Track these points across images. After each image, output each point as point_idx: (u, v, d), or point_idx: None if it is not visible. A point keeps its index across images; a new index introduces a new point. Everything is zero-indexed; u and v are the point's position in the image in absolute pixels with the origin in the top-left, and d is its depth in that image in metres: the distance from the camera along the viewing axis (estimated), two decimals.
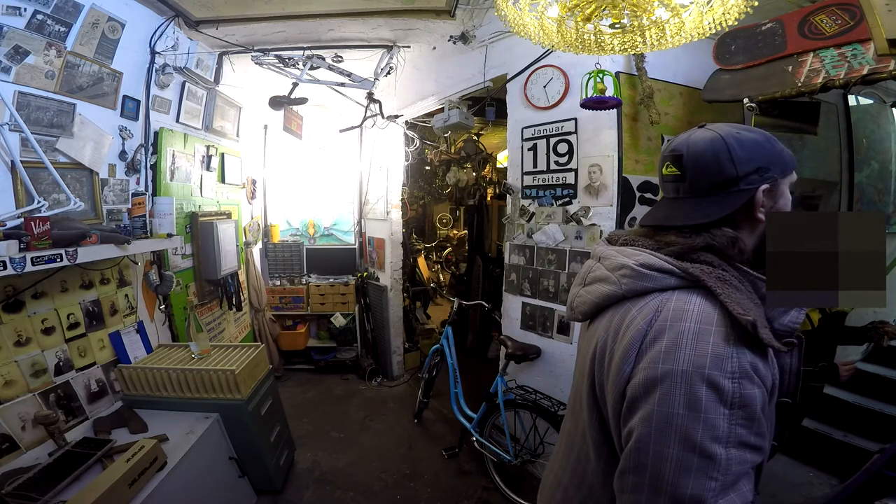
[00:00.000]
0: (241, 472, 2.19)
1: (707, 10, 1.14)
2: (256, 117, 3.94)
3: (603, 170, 2.16)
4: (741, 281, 0.70)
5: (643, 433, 0.66)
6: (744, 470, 0.64)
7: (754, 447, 0.64)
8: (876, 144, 2.97)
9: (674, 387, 0.64)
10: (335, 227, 4.74)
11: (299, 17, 2.61)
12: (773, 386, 0.68)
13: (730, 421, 0.62)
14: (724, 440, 0.62)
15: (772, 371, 0.68)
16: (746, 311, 0.64)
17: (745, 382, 0.63)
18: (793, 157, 0.80)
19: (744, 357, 0.63)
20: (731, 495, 0.63)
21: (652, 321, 0.69)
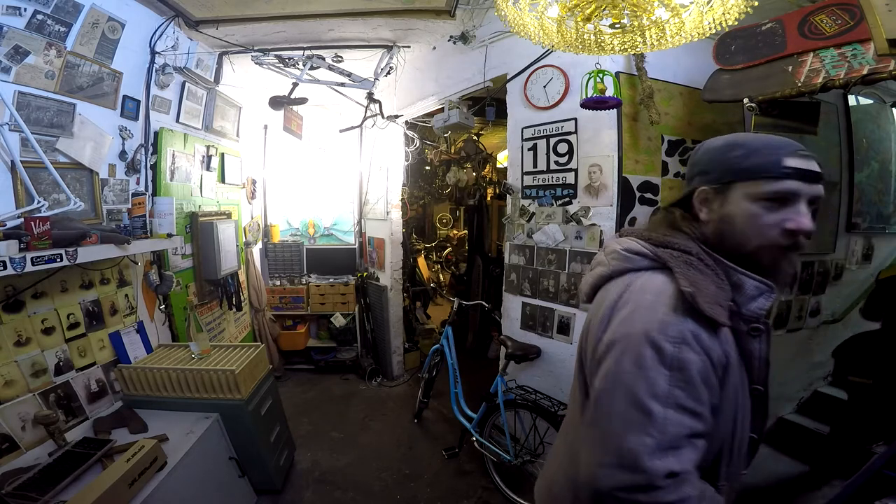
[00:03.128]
0: (241, 472, 2.19)
1: (707, 10, 1.14)
2: (256, 117, 3.94)
3: (603, 170, 2.16)
4: (712, 267, 0.79)
5: (600, 389, 0.76)
6: (681, 433, 0.69)
7: (693, 412, 0.70)
8: (876, 144, 2.97)
9: (626, 348, 0.74)
10: (335, 227, 4.74)
11: (299, 17, 2.61)
12: (725, 362, 0.75)
13: (669, 381, 0.70)
14: (662, 399, 0.70)
15: (722, 346, 0.75)
16: (692, 285, 0.74)
17: (684, 347, 0.71)
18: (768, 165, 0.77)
19: (686, 325, 0.72)
20: (670, 458, 0.68)
21: (622, 294, 0.81)
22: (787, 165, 0.76)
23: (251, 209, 4.04)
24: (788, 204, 0.77)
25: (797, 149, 0.79)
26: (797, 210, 0.76)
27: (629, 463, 0.69)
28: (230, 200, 3.53)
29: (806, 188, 0.77)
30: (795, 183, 0.76)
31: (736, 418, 0.81)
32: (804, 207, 0.77)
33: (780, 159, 0.77)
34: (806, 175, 0.77)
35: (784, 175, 0.77)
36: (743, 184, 0.79)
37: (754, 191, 0.78)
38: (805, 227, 0.76)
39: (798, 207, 0.77)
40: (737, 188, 0.80)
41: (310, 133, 4.20)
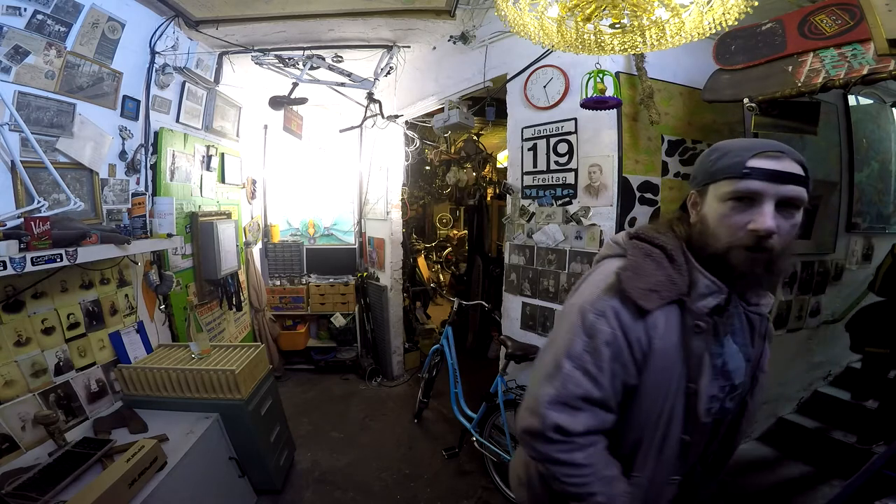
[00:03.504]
0: (241, 472, 2.19)
1: (707, 10, 1.14)
2: (256, 117, 3.94)
3: (603, 170, 2.16)
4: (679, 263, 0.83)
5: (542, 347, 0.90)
6: (576, 393, 0.81)
7: (593, 379, 0.81)
8: (876, 144, 2.97)
9: (566, 315, 0.88)
10: (335, 227, 4.73)
11: (299, 17, 2.61)
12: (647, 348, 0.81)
13: (583, 346, 0.82)
14: (574, 359, 0.83)
15: (647, 331, 0.81)
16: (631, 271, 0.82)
17: (601, 319, 0.82)
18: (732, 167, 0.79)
19: (611, 303, 0.82)
20: (563, 414, 0.82)
21: (588, 274, 0.93)
22: (748, 166, 0.77)
23: (251, 209, 4.04)
24: (755, 204, 0.77)
25: (768, 149, 0.78)
26: (761, 210, 0.76)
27: (533, 407, 0.85)
28: (230, 200, 3.53)
29: (771, 188, 0.76)
30: (757, 183, 0.76)
31: (662, 410, 0.83)
32: (769, 207, 0.76)
33: (743, 160, 0.78)
34: (771, 175, 0.76)
35: (745, 175, 0.77)
36: (714, 185, 0.82)
37: (721, 191, 0.80)
38: (762, 227, 0.75)
39: (762, 208, 0.76)
40: (710, 190, 0.83)
41: (310, 133, 4.20)
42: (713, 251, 0.81)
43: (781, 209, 0.77)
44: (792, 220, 0.78)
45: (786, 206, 0.77)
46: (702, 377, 0.82)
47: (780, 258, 0.78)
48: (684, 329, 0.82)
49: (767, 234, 0.75)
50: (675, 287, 0.81)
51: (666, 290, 0.81)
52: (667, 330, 0.81)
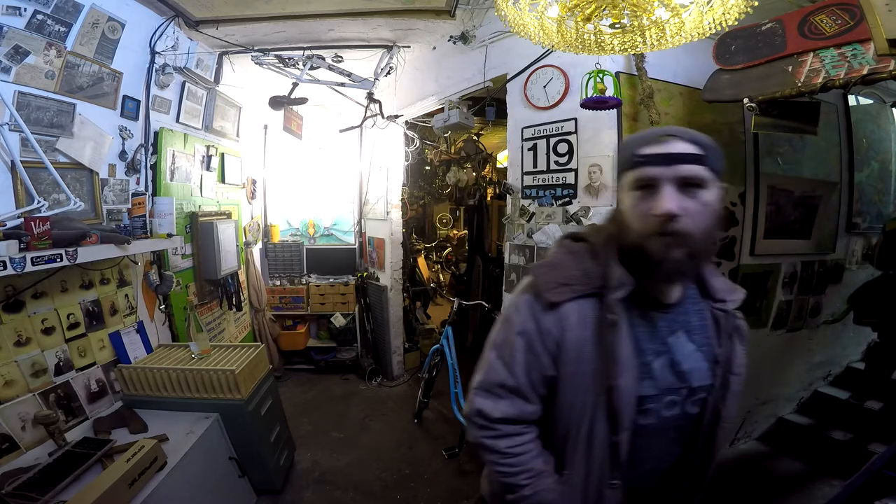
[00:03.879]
0: (241, 472, 2.19)
1: (707, 10, 1.14)
2: (256, 117, 3.94)
3: (603, 170, 2.16)
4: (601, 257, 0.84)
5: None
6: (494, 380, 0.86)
7: (507, 367, 0.85)
8: (876, 144, 2.97)
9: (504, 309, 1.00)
10: (335, 227, 4.73)
11: (299, 17, 2.61)
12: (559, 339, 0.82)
13: (502, 337, 0.88)
14: (496, 349, 0.89)
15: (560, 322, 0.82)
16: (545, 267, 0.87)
17: (516, 313, 0.86)
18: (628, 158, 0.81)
19: (525, 297, 0.86)
20: (486, 400, 0.87)
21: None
22: (639, 154, 0.78)
23: (251, 209, 4.04)
24: (655, 190, 0.76)
25: (658, 135, 0.79)
26: (660, 194, 0.75)
27: (469, 394, 0.92)
28: (230, 200, 3.53)
29: (665, 171, 0.76)
30: (650, 168, 0.77)
31: (583, 404, 0.82)
32: (666, 190, 0.75)
33: (635, 150, 0.79)
34: (660, 158, 0.76)
35: (637, 163, 0.79)
36: (622, 178, 0.84)
37: (625, 183, 0.82)
38: (660, 210, 0.74)
39: (660, 192, 0.76)
40: (622, 183, 0.84)
41: (310, 133, 4.20)
42: (631, 242, 0.80)
43: (684, 190, 0.76)
44: (698, 199, 0.76)
45: (687, 185, 0.76)
46: (622, 373, 0.79)
47: (696, 240, 0.76)
48: (600, 322, 0.81)
49: (669, 217, 0.74)
50: (590, 281, 0.82)
51: (579, 283, 0.83)
52: (579, 322, 0.82)
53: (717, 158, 0.79)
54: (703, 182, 0.76)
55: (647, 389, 0.82)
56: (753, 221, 2.48)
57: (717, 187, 0.79)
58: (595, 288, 0.82)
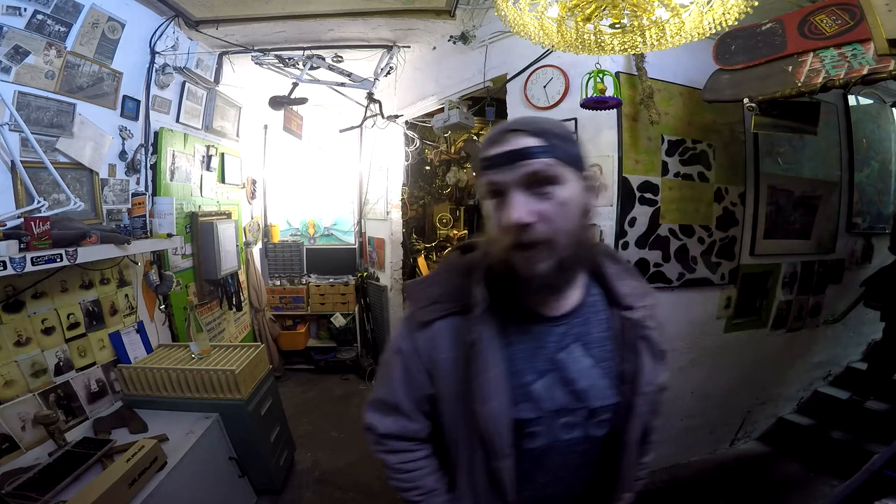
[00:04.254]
0: (241, 472, 2.19)
1: (707, 10, 1.14)
2: (256, 117, 3.94)
3: (603, 170, 2.16)
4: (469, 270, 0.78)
5: None
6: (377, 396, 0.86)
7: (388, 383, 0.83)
8: (876, 144, 2.97)
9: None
10: (335, 227, 4.74)
11: (299, 17, 2.60)
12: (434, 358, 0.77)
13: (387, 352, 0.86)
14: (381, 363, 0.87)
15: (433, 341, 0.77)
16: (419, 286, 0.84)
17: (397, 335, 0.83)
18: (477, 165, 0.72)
19: (405, 314, 0.83)
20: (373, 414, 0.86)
21: None
22: (484, 158, 0.70)
23: (251, 209, 4.04)
24: (505, 196, 0.67)
25: (501, 132, 0.69)
26: (508, 202, 0.67)
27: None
28: (230, 200, 3.53)
29: (509, 175, 0.66)
30: (495, 173, 0.68)
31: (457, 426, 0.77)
32: (514, 196, 0.66)
33: (482, 152, 0.70)
34: (499, 160, 0.67)
35: (483, 168, 0.70)
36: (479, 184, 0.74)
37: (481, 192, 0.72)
38: (509, 221, 0.65)
39: (508, 199, 0.67)
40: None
41: (310, 133, 4.20)
42: (496, 257, 0.72)
43: (535, 191, 0.66)
44: (553, 198, 0.66)
45: (537, 185, 0.66)
46: (489, 397, 0.71)
47: (560, 245, 0.67)
48: (464, 342, 0.75)
49: (520, 226, 0.65)
50: (459, 298, 0.76)
51: (449, 301, 0.77)
52: (448, 342, 0.76)
53: (569, 146, 0.69)
54: (555, 178, 0.66)
55: (526, 413, 0.74)
56: (753, 221, 2.48)
57: (579, 178, 0.70)
58: (463, 305, 0.75)
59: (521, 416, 0.73)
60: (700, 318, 2.44)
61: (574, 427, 0.76)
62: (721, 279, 2.43)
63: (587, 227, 0.72)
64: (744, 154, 2.42)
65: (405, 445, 0.84)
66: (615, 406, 0.76)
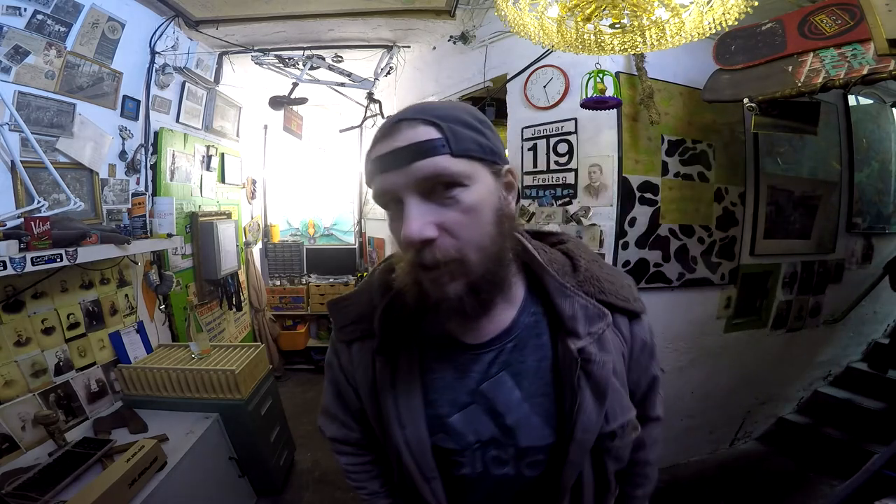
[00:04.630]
0: (241, 473, 2.19)
1: (707, 10, 1.14)
2: (256, 117, 3.94)
3: (603, 170, 2.16)
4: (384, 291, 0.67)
5: None
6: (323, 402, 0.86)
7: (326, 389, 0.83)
8: (876, 144, 2.97)
9: None
10: (335, 227, 4.74)
11: (299, 17, 2.61)
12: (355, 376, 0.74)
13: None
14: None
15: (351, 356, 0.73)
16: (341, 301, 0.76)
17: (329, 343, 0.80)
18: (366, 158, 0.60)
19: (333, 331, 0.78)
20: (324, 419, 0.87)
21: None
22: (372, 159, 0.56)
23: (251, 209, 4.04)
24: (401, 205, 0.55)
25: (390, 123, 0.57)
26: (404, 213, 0.54)
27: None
28: (230, 200, 3.53)
29: (401, 178, 0.53)
30: (384, 177, 0.55)
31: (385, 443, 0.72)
32: (410, 207, 0.53)
33: (369, 151, 0.57)
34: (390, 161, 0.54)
35: (372, 172, 0.57)
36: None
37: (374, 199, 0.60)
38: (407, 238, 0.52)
39: (405, 209, 0.54)
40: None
41: (310, 133, 4.20)
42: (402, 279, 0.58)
43: (437, 197, 0.54)
44: (457, 205, 0.53)
45: (437, 189, 0.53)
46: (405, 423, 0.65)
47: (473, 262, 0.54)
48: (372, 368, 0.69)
49: (420, 243, 0.53)
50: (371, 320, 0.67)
51: (364, 322, 0.69)
52: (366, 364, 0.70)
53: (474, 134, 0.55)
54: (460, 178, 0.53)
55: (446, 443, 0.66)
56: (753, 221, 2.48)
57: (491, 174, 0.57)
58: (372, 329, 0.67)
59: (442, 445, 0.66)
60: (700, 318, 2.44)
61: (504, 463, 0.66)
62: (721, 279, 2.43)
63: (507, 234, 0.59)
64: (744, 154, 2.42)
65: (350, 449, 0.84)
66: (550, 447, 0.64)
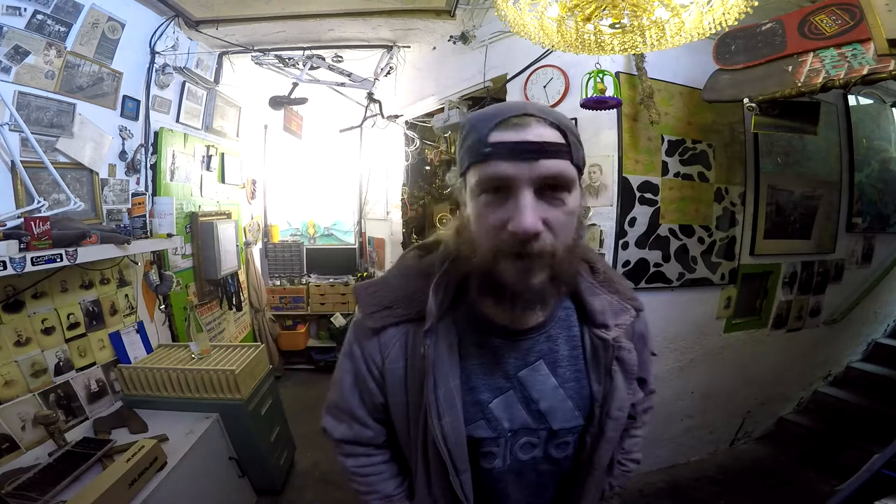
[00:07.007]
0: (241, 472, 2.19)
1: (707, 10, 1.14)
2: (256, 117, 3.94)
3: (603, 170, 2.16)
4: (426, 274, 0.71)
5: None
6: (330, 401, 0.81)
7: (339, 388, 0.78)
8: (876, 144, 2.97)
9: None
10: (335, 227, 4.74)
11: (299, 17, 2.61)
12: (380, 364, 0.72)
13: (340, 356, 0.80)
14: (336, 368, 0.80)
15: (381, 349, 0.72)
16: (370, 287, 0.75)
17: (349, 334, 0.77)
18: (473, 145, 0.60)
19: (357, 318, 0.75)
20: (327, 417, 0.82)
21: None
22: (490, 142, 0.57)
23: (251, 209, 4.04)
24: (510, 195, 0.57)
25: (510, 114, 0.57)
26: (516, 204, 0.56)
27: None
28: (230, 200, 3.53)
29: (523, 169, 0.55)
30: (504, 164, 0.56)
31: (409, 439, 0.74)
32: (525, 198, 0.55)
33: (484, 135, 0.57)
34: (516, 149, 0.56)
35: (487, 156, 0.57)
36: (469, 172, 0.61)
37: (472, 181, 0.60)
38: (520, 228, 0.54)
39: (518, 200, 0.56)
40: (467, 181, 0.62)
41: (310, 133, 4.20)
42: (478, 262, 0.61)
43: (546, 195, 0.57)
44: (563, 207, 0.58)
45: (550, 189, 0.57)
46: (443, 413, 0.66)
47: (559, 259, 0.58)
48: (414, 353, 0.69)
49: (532, 236, 0.55)
50: (414, 305, 0.69)
51: (402, 307, 0.70)
52: (400, 351, 0.70)
53: (581, 148, 0.61)
54: (570, 184, 0.58)
55: (482, 432, 0.69)
56: (753, 221, 2.48)
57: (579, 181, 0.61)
58: (417, 313, 0.69)
59: (477, 435, 0.69)
60: (700, 318, 2.44)
61: (533, 447, 0.72)
62: (721, 279, 2.43)
63: (581, 236, 0.66)
64: (744, 154, 2.42)
65: (361, 450, 0.81)
66: (579, 429, 0.72)
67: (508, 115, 0.57)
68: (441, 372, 0.66)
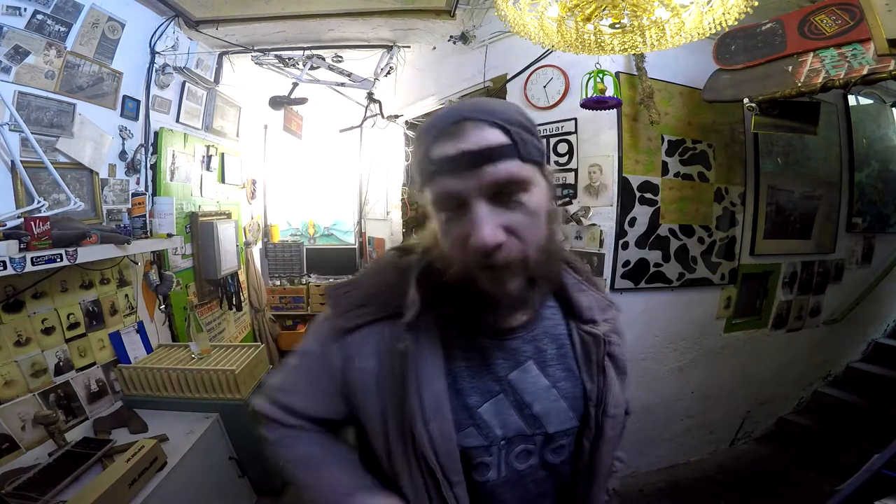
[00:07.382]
0: (242, 472, 2.19)
1: (707, 10, 1.14)
2: (256, 117, 3.94)
3: (603, 170, 2.16)
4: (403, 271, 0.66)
5: None
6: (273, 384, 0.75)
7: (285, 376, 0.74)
8: (876, 144, 2.98)
9: None
10: (335, 227, 4.74)
11: (299, 17, 2.61)
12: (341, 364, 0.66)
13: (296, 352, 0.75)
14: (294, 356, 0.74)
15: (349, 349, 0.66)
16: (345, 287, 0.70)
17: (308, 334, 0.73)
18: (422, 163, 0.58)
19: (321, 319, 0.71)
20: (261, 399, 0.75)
21: None
22: (432, 158, 0.54)
23: (251, 209, 4.04)
24: (464, 209, 0.54)
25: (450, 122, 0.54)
26: (471, 219, 0.53)
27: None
28: (230, 200, 3.52)
29: (470, 182, 0.52)
30: (449, 181, 0.53)
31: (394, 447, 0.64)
32: (479, 211, 0.53)
33: (428, 149, 0.55)
34: (459, 162, 0.53)
35: (432, 174, 0.55)
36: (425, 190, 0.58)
37: (429, 198, 0.58)
38: (479, 244, 0.52)
39: (472, 214, 0.53)
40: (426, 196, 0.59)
41: (310, 133, 4.20)
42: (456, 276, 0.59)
43: (503, 199, 0.54)
44: (523, 208, 0.55)
45: (505, 193, 0.54)
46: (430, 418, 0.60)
47: (533, 261, 0.56)
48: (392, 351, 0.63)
49: (494, 248, 0.53)
50: (390, 302, 0.64)
51: (376, 305, 0.65)
52: (375, 352, 0.64)
53: (533, 139, 0.57)
54: (525, 183, 0.55)
55: (473, 440, 0.63)
56: (753, 221, 2.48)
57: (543, 177, 0.58)
58: (395, 310, 0.63)
59: (468, 444, 0.63)
60: (700, 318, 2.44)
61: (530, 455, 0.66)
62: (721, 279, 2.43)
63: (555, 232, 0.61)
64: (744, 154, 2.43)
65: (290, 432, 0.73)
66: (573, 430, 0.68)
67: (445, 124, 0.55)
68: (425, 372, 0.61)
